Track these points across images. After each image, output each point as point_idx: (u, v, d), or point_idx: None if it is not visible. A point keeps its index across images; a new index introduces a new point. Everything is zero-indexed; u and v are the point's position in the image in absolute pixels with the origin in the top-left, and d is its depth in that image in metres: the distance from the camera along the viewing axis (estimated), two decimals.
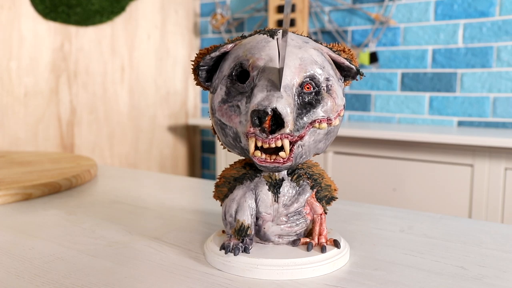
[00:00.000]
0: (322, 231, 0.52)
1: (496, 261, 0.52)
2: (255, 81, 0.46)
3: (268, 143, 0.45)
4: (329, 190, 0.53)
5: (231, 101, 0.48)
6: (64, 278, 0.47)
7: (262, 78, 0.46)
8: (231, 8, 2.23)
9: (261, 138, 0.45)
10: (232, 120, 0.48)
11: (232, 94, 0.48)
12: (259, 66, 0.47)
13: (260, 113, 0.44)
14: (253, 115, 0.44)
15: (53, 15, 1.77)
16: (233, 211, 0.50)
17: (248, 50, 0.48)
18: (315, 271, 0.48)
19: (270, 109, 0.44)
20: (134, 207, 0.75)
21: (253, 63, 0.47)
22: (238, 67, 0.48)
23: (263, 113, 0.44)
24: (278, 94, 0.45)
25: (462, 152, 1.46)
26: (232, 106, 0.48)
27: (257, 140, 0.45)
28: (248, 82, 0.47)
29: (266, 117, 0.44)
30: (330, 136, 0.49)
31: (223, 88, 0.49)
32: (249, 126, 0.45)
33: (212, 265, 0.50)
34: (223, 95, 0.48)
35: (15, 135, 1.72)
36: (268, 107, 0.44)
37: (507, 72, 1.63)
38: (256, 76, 0.47)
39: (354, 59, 0.51)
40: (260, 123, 0.45)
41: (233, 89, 0.48)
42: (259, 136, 0.45)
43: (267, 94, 0.45)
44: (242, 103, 0.47)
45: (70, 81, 1.87)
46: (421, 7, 1.77)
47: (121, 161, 2.09)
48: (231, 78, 0.49)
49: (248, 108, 0.45)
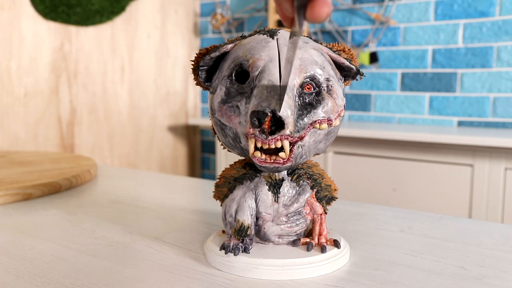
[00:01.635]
0: (322, 231, 0.52)
1: (496, 261, 0.52)
2: (255, 82, 0.46)
3: (268, 144, 0.45)
4: (329, 190, 0.53)
5: (231, 101, 0.48)
6: (64, 278, 0.47)
7: (262, 78, 0.46)
8: (231, 8, 2.23)
9: (261, 139, 0.45)
10: (232, 121, 0.48)
11: (231, 95, 0.48)
12: (259, 67, 0.47)
13: (259, 114, 0.44)
14: (253, 116, 0.44)
15: (53, 15, 1.77)
16: (233, 211, 0.50)
17: (248, 51, 0.48)
18: (315, 271, 0.48)
19: (270, 110, 0.44)
20: (134, 207, 0.75)
21: (253, 63, 0.47)
22: (238, 68, 0.48)
23: (263, 114, 0.44)
24: (278, 95, 0.45)
25: (462, 152, 1.46)
26: (232, 107, 0.47)
27: (257, 141, 0.45)
28: (248, 83, 0.47)
29: (265, 118, 0.44)
30: (330, 136, 0.49)
31: (223, 88, 0.49)
32: (248, 127, 0.45)
33: (212, 265, 0.50)
34: (223, 95, 0.48)
35: (15, 135, 1.72)
36: (268, 108, 0.44)
37: (507, 72, 1.63)
38: (256, 77, 0.47)
39: (354, 59, 0.51)
40: (260, 124, 0.44)
41: (233, 89, 0.48)
42: (258, 137, 0.45)
43: (267, 95, 0.45)
44: (242, 104, 0.47)
45: (70, 81, 1.87)
46: (421, 7, 1.77)
47: (121, 161, 2.09)
48: (230, 79, 0.48)
49: (248, 109, 0.45)
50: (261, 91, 0.45)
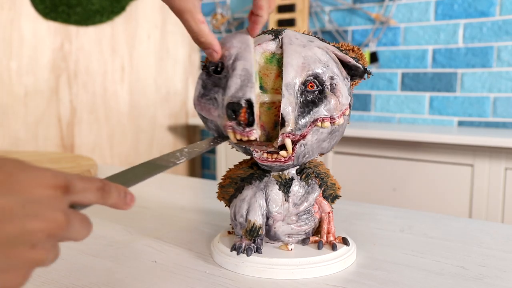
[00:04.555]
0: (330, 229, 0.52)
1: (496, 261, 0.52)
2: (229, 71, 0.46)
3: (247, 135, 0.44)
4: (334, 188, 0.53)
5: (208, 94, 0.47)
6: (64, 278, 0.47)
7: (236, 67, 0.45)
8: (231, 8, 2.23)
9: (239, 131, 0.44)
10: (212, 114, 0.47)
11: (208, 87, 0.47)
12: (232, 55, 0.46)
13: (234, 106, 0.44)
14: (228, 109, 0.44)
15: (53, 15, 1.77)
16: (244, 211, 0.50)
17: (221, 42, 0.48)
18: (328, 269, 0.48)
19: (244, 100, 0.43)
20: (134, 207, 0.74)
21: (225, 51, 0.46)
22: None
23: (237, 105, 0.43)
24: (251, 83, 0.44)
25: (462, 152, 1.46)
26: (210, 99, 0.47)
27: (236, 133, 0.44)
28: (223, 73, 0.46)
29: (240, 110, 0.43)
30: (334, 135, 0.49)
31: (199, 81, 0.48)
32: (225, 119, 0.45)
33: (223, 266, 0.50)
34: (200, 88, 0.48)
35: (15, 135, 1.72)
36: (242, 99, 0.43)
37: (507, 72, 1.63)
38: (230, 66, 0.46)
39: (363, 58, 0.50)
40: (236, 116, 0.44)
41: (209, 81, 0.47)
42: (236, 129, 0.44)
43: (241, 84, 0.44)
44: (219, 96, 0.46)
45: (70, 81, 1.87)
46: (421, 7, 1.77)
47: (121, 161, 2.09)
48: (206, 70, 0.48)
49: (224, 101, 0.45)
50: (235, 81, 0.44)
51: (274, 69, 0.47)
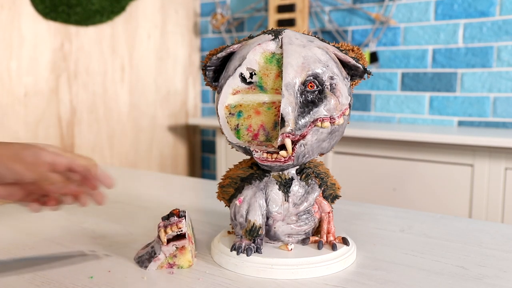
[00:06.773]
0: (330, 229, 0.52)
1: (496, 261, 0.52)
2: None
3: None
4: (334, 188, 0.53)
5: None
6: (64, 278, 0.47)
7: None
8: (231, 8, 2.23)
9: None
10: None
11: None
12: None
13: None
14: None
15: (53, 15, 1.77)
16: (244, 211, 0.50)
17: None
18: (328, 269, 0.48)
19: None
20: (134, 207, 0.74)
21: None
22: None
23: None
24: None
25: (462, 152, 1.46)
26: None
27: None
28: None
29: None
30: (334, 135, 0.49)
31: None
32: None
33: (223, 266, 0.50)
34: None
35: (15, 135, 1.72)
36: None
37: (507, 72, 1.63)
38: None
39: (363, 58, 0.50)
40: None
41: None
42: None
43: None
44: None
45: (70, 81, 1.87)
46: (421, 7, 1.77)
47: (121, 161, 2.09)
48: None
49: None
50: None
51: (274, 69, 0.47)
